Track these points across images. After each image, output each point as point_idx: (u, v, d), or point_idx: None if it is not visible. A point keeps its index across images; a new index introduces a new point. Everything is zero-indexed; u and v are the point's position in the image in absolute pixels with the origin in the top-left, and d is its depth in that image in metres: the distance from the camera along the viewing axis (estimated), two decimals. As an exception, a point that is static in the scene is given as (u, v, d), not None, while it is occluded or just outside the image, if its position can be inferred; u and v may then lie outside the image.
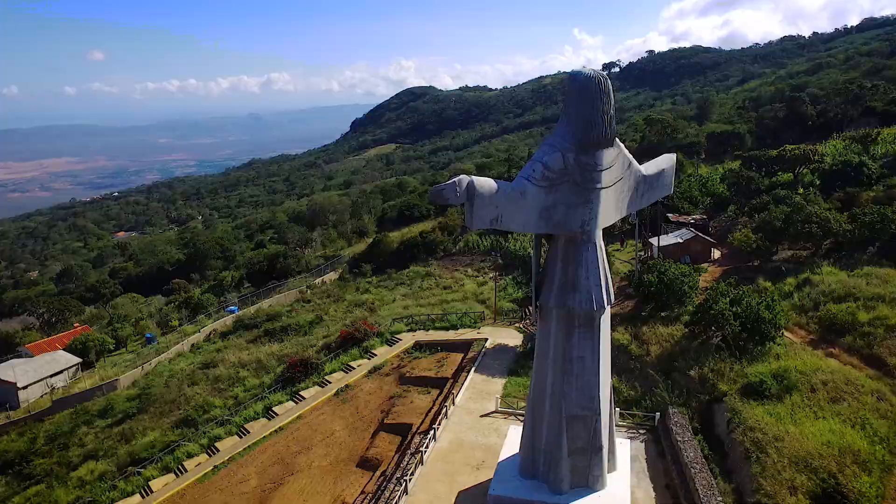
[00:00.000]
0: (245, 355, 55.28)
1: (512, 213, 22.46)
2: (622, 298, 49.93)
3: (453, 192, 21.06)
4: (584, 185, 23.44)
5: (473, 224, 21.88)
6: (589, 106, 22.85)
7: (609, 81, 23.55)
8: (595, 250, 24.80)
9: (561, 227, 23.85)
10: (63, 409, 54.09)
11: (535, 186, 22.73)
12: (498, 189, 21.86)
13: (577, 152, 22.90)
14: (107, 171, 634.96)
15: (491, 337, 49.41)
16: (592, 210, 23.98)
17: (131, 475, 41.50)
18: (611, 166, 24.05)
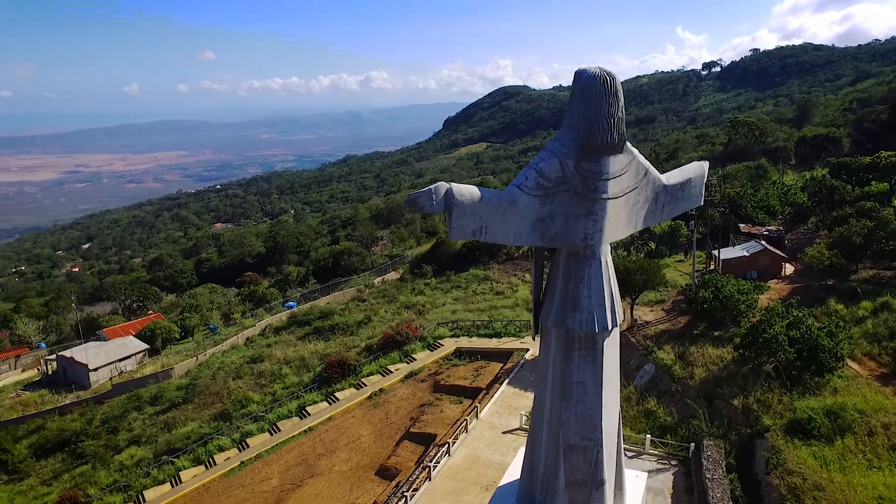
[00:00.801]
0: (291, 352, 55.77)
1: (499, 224, 20.63)
2: (676, 314, 46.52)
3: (429, 200, 19.49)
4: (586, 195, 21.28)
5: (452, 235, 20.26)
6: (592, 108, 20.67)
7: (618, 81, 21.29)
8: (600, 266, 22.53)
9: (559, 240, 21.78)
10: (121, 393, 56.53)
11: (528, 195, 20.79)
12: (482, 198, 20.12)
13: (577, 159, 20.78)
14: (213, 165, 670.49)
15: (533, 348, 47.29)
16: (597, 222, 21.76)
17: (165, 464, 42.50)
18: (620, 175, 21.72)
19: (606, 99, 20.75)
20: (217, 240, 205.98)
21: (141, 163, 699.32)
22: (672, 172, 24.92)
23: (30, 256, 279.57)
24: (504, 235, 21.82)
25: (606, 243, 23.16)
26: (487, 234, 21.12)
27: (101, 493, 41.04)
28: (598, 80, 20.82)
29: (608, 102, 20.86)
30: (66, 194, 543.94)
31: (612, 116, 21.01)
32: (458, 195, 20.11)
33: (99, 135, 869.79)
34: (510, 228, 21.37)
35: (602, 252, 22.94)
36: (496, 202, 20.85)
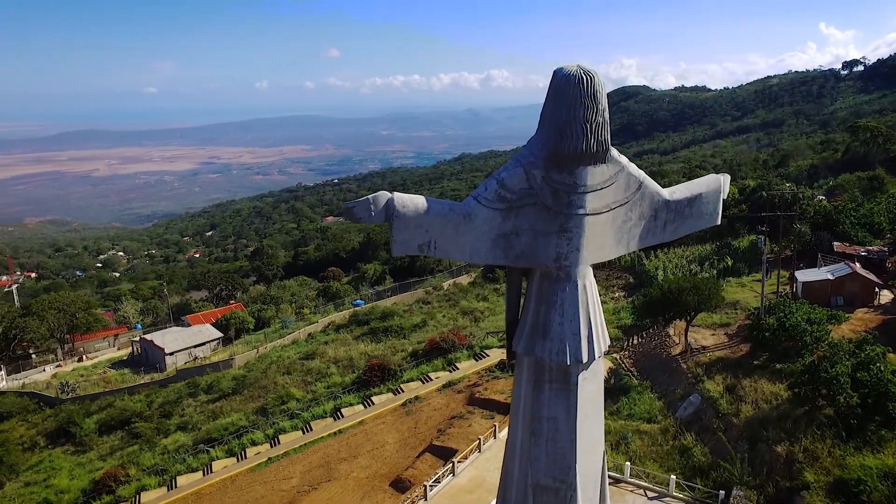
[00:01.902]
0: (342, 351, 55.88)
1: (451, 238, 18.58)
2: (739, 341, 41.98)
3: (366, 210, 17.80)
4: (557, 210, 18.76)
5: (394, 250, 18.49)
6: (564, 112, 18.14)
7: (597, 81, 18.59)
8: (575, 291, 19.88)
9: (526, 259, 19.41)
10: (184, 378, 59.02)
11: (487, 208, 18.58)
12: (429, 209, 18.17)
13: (546, 168, 18.37)
14: (334, 159, 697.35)
15: (578, 365, 44.38)
16: (571, 241, 19.18)
17: (201, 452, 43.62)
18: (602, 188, 18.98)
19: (581, 101, 18.07)
20: (324, 233, 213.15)
21: (268, 156, 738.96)
22: (679, 186, 21.77)
23: (160, 241, 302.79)
24: (458, 252, 19.65)
25: (586, 264, 20.50)
26: (437, 249, 19.10)
27: (139, 474, 42.73)
28: (571, 81, 18.23)
29: (583, 106, 18.17)
30: (199, 184, 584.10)
31: (587, 121, 18.32)
32: (399, 206, 18.27)
33: (231, 128, 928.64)
34: (465, 244, 19.21)
35: (579, 274, 20.28)
36: (446, 215, 18.84)
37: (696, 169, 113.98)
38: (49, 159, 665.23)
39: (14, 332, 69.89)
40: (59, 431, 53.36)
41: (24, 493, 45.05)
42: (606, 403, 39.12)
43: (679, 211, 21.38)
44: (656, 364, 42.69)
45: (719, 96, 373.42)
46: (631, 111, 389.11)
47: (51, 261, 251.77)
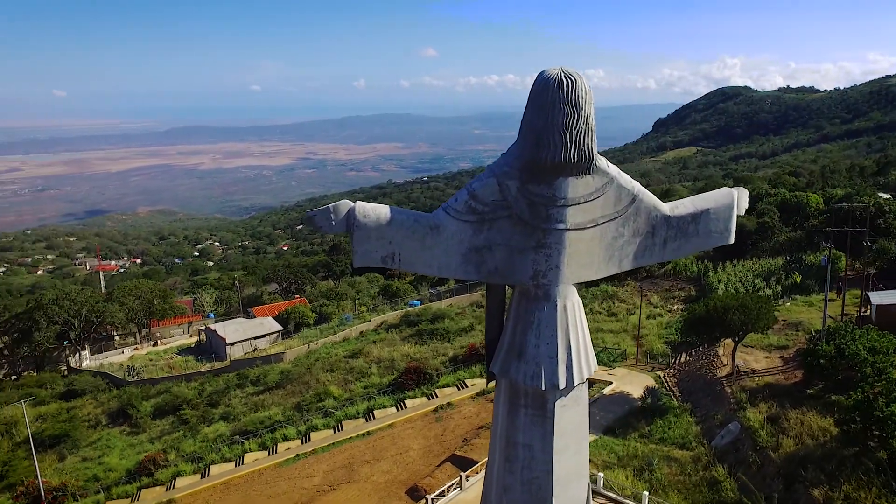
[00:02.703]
0: (386, 352, 55.79)
1: (416, 251, 17.46)
2: (795, 366, 38.47)
3: (326, 219, 17.02)
4: (534, 224, 17.29)
5: (355, 261, 17.64)
6: (541, 118, 16.60)
7: (580, 85, 16.95)
8: (554, 311, 18.29)
9: (501, 276, 18.02)
10: (237, 369, 60.74)
11: (457, 221, 17.34)
12: (391, 220, 17.11)
13: (522, 179, 16.92)
14: (426, 157, 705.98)
15: (618, 381, 42.19)
16: (550, 257, 17.62)
17: (236, 443, 44.62)
18: (586, 201, 17.31)
19: (559, 107, 16.52)
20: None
21: (362, 152, 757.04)
22: (683, 201, 19.66)
23: (254, 232, 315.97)
24: (425, 266, 18.52)
25: (567, 283, 18.89)
26: (402, 261, 18.10)
27: (178, 459, 44.22)
28: (550, 85, 16.71)
29: (562, 112, 16.59)
30: (296, 178, 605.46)
31: (566, 129, 16.74)
32: (360, 216, 17.39)
33: (328, 126, 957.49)
34: (433, 258, 18.08)
35: (559, 294, 18.69)
36: (411, 226, 17.78)
37: (784, 175, 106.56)
38: (161, 153, 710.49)
39: (94, 316, 74.37)
40: (119, 412, 56.20)
41: (79, 468, 47.69)
42: (639, 424, 36.96)
43: (681, 228, 19.23)
44: (700, 385, 39.83)
45: (828, 97, 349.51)
46: (729, 113, 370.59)
47: (154, 248, 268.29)
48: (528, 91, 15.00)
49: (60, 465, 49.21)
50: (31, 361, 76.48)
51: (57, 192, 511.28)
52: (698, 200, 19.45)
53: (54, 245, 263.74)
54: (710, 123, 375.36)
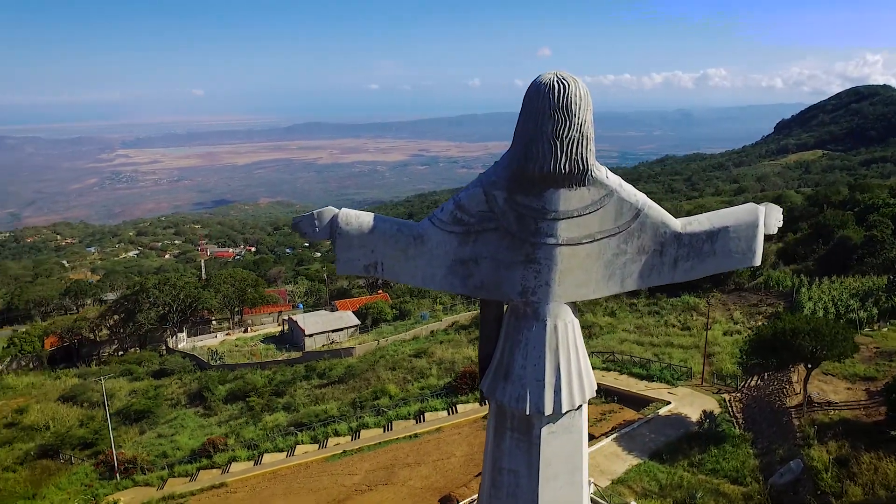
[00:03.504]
0: (449, 353, 55.28)
1: (399, 261, 16.73)
2: (880, 401, 34.13)
3: (310, 225, 16.69)
4: (523, 238, 16.01)
5: (339, 269, 17.13)
6: (531, 126, 15.33)
7: (574, 91, 15.47)
8: (543, 331, 16.85)
9: (487, 290, 16.86)
10: (308, 361, 62.45)
11: (442, 231, 16.39)
12: (374, 228, 16.45)
13: (510, 190, 15.70)
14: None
15: (677, 402, 39.34)
16: (540, 274, 16.25)
17: (291, 434, 45.80)
18: (581, 214, 15.84)
19: (549, 114, 15.18)
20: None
21: (473, 150, 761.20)
22: (698, 217, 17.58)
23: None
24: (409, 276, 17.76)
25: (559, 302, 17.37)
26: (385, 271, 17.46)
27: (236, 445, 45.96)
28: (541, 90, 15.41)
29: (552, 119, 15.23)
30: (408, 174, 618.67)
31: (556, 137, 15.33)
32: (342, 223, 16.91)
33: (442, 123, 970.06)
34: (417, 268, 17.30)
35: (549, 313, 17.23)
36: (394, 235, 17.07)
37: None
38: (283, 148, 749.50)
39: (190, 301, 79.22)
40: (197, 394, 59.40)
41: (153, 443, 50.83)
42: (691, 451, 34.28)
43: (695, 247, 17.28)
44: (767, 414, 36.28)
45: None
46: (863, 114, 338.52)
47: (269, 238, 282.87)
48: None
49: (139, 438, 52.64)
50: (135, 339, 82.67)
51: (190, 182, 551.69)
52: (715, 217, 17.30)
53: (181, 231, 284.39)
54: (839, 125, 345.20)
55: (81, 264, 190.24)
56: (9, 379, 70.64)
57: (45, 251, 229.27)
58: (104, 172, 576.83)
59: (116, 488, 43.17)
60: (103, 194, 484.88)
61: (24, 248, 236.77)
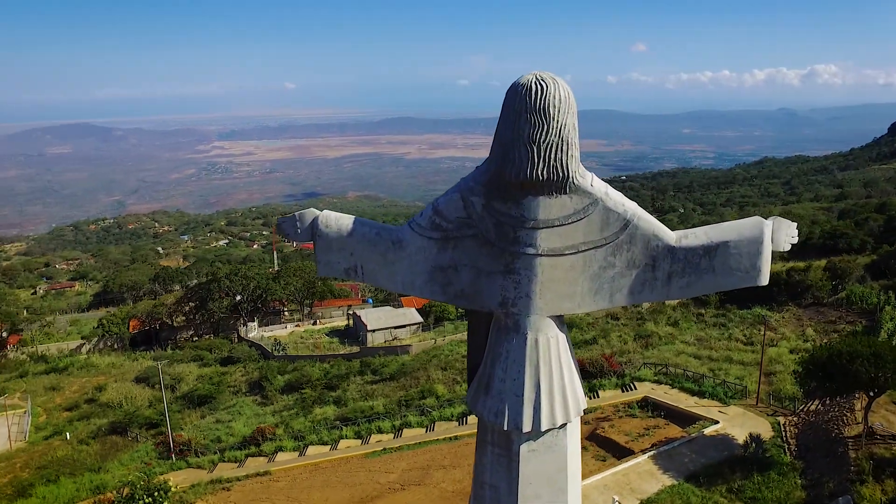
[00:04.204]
0: (501, 355, 54.74)
1: (379, 265, 16.58)
2: (951, 436, 31.05)
3: (293, 227, 16.83)
4: (502, 247, 15.49)
5: (319, 270, 17.19)
6: (507, 129, 14.77)
7: (554, 93, 14.79)
8: (523, 344, 16.33)
9: (468, 299, 16.45)
10: (365, 356, 63.43)
11: (421, 237, 16.06)
12: (353, 232, 16.34)
13: (488, 196, 15.17)
14: (630, 156, 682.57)
15: (726, 422, 37.32)
16: (520, 285, 15.66)
17: (336, 428, 46.67)
18: (563, 224, 15.12)
19: (525, 117, 14.65)
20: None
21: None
22: (696, 230, 16.45)
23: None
24: (389, 281, 17.65)
25: (541, 315, 16.81)
26: (365, 275, 17.41)
27: (284, 435, 47.28)
28: (519, 92, 14.84)
29: (528, 123, 14.70)
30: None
31: (534, 143, 14.80)
32: (322, 225, 16.96)
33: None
34: (396, 274, 17.14)
35: (530, 326, 16.71)
36: (372, 240, 16.93)
37: None
38: (372, 142, 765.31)
39: (260, 292, 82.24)
40: (257, 383, 61.58)
41: (211, 428, 53.09)
42: (732, 476, 32.60)
43: (691, 262, 16.33)
44: (822, 442, 33.76)
45: None
46: None
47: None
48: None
49: (199, 422, 55.09)
50: (208, 327, 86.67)
51: (281, 174, 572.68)
52: (715, 231, 16.19)
53: (269, 223, 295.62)
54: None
55: (175, 251, 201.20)
56: (93, 358, 75.85)
57: (145, 237, 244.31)
58: (201, 163, 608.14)
59: (171, 468, 45.30)
60: (200, 184, 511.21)
61: (126, 234, 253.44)
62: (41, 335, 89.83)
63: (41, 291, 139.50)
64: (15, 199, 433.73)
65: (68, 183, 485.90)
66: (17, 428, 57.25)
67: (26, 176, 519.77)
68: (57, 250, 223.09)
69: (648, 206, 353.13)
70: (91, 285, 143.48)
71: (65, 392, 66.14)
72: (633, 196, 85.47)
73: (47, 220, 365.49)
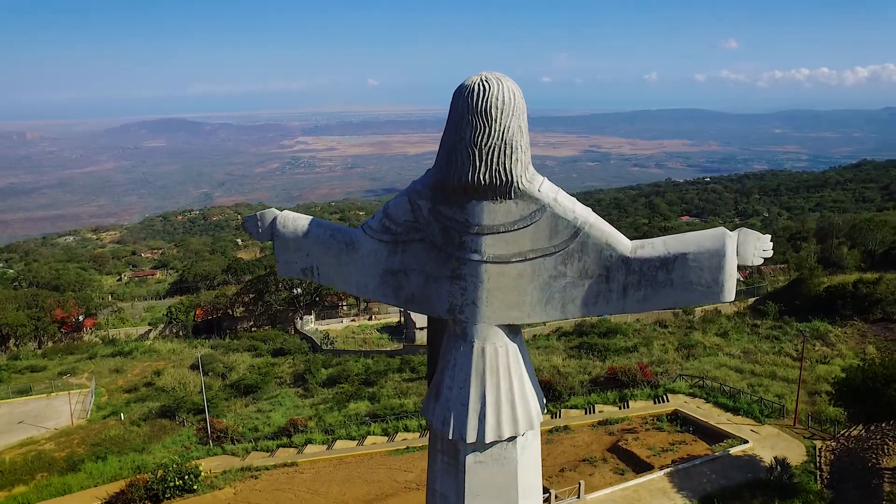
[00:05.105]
0: (538, 360, 53.87)
1: (333, 267, 16.57)
2: None
3: (254, 226, 17.12)
4: (449, 252, 15.13)
5: (279, 270, 17.43)
6: (451, 132, 14.43)
7: (497, 95, 14.25)
8: (470, 353, 16.00)
9: (418, 304, 16.20)
10: (407, 353, 63.83)
11: (372, 240, 15.89)
12: (307, 233, 16.36)
13: (434, 200, 14.81)
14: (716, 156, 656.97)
15: (756, 442, 35.30)
16: (466, 291, 15.25)
17: (365, 424, 47.28)
18: (506, 230, 14.57)
19: (467, 120, 14.31)
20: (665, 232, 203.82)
21: (647, 148, 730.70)
22: (654, 240, 15.56)
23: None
24: (344, 282, 17.71)
25: (489, 324, 16.44)
26: (321, 276, 17.51)
27: (315, 427, 48.28)
28: (461, 94, 14.43)
29: (469, 125, 14.35)
30: (577, 171, 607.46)
31: (475, 146, 14.43)
32: (280, 226, 17.17)
33: (615, 119, 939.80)
34: (350, 276, 17.17)
35: (477, 334, 16.38)
36: (326, 241, 16.98)
37: None
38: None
39: (316, 286, 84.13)
40: (301, 375, 63.13)
41: (251, 417, 54.89)
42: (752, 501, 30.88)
43: (647, 275, 15.60)
44: (857, 471, 31.35)
45: None
46: None
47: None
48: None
49: (242, 411, 57.04)
50: (266, 318, 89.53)
51: (363, 170, 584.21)
52: (674, 241, 15.29)
53: (346, 217, 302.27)
54: None
55: (253, 244, 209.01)
56: (156, 344, 79.90)
57: (227, 229, 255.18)
58: (285, 158, 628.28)
59: (208, 454, 47.15)
60: (283, 178, 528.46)
61: (210, 226, 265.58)
62: (116, 319, 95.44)
63: (125, 278, 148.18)
64: (113, 190, 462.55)
65: (161, 175, 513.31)
66: (80, 406, 60.99)
67: (123, 168, 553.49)
68: (146, 239, 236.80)
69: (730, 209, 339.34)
70: (171, 274, 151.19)
71: (127, 375, 69.96)
72: (714, 199, 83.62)
73: (141, 210, 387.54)
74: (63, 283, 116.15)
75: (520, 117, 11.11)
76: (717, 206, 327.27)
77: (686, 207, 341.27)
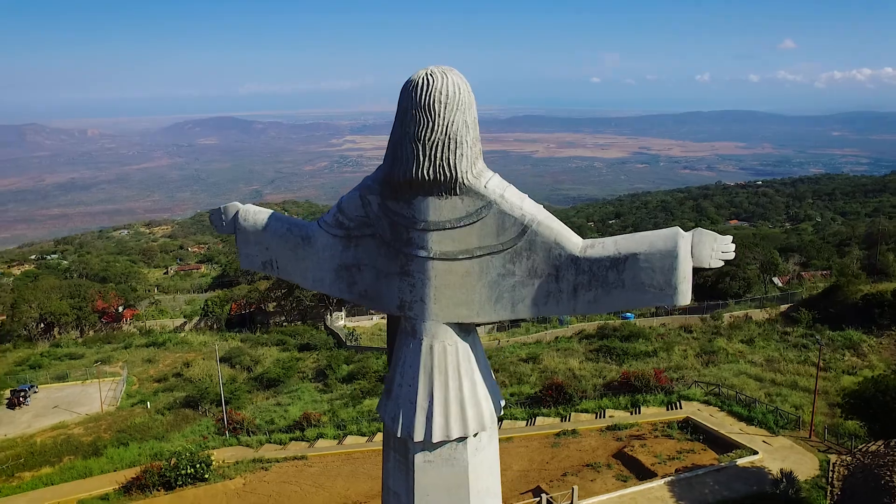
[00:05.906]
0: (556, 362, 53.19)
1: (290, 261, 16.60)
2: None
3: (218, 219, 17.31)
4: (397, 247, 14.93)
5: (241, 263, 17.59)
6: (397, 127, 14.25)
7: (440, 88, 14.00)
8: (419, 350, 15.82)
9: (370, 299, 16.08)
10: (428, 352, 63.76)
11: (327, 234, 15.79)
12: (266, 227, 16.39)
13: (383, 195, 14.62)
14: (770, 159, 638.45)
15: (767, 454, 34.04)
16: (415, 288, 15.04)
17: (377, 421, 47.47)
18: (452, 227, 14.35)
19: (411, 114, 14.16)
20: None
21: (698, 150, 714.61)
22: (605, 239, 15.06)
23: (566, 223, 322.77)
24: (300, 277, 17.76)
25: (437, 322, 16.22)
26: (280, 270, 17.64)
27: (328, 422, 48.75)
28: (406, 88, 14.24)
29: (413, 120, 14.22)
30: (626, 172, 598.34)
31: (418, 140, 14.26)
32: (241, 219, 17.33)
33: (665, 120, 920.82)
34: (307, 270, 17.23)
35: (426, 332, 16.17)
36: (283, 235, 17.07)
37: None
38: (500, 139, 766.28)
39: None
40: (322, 371, 63.84)
41: (269, 409, 55.84)
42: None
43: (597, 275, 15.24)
44: (870, 489, 29.87)
45: None
46: None
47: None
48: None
49: (262, 403, 58.06)
50: (297, 313, 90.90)
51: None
52: (626, 241, 14.83)
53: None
54: None
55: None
56: (189, 336, 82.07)
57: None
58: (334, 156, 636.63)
59: (224, 444, 48.16)
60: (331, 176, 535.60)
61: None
62: (155, 311, 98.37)
63: (171, 272, 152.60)
64: (167, 186, 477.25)
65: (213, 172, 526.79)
66: (112, 394, 63.12)
67: (177, 165, 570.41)
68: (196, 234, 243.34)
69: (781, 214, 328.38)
70: (214, 268, 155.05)
71: (158, 365, 72.04)
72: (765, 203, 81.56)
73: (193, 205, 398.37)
74: (111, 274, 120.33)
75: (465, 112, 10.83)
76: (768, 210, 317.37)
77: (735, 211, 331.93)
